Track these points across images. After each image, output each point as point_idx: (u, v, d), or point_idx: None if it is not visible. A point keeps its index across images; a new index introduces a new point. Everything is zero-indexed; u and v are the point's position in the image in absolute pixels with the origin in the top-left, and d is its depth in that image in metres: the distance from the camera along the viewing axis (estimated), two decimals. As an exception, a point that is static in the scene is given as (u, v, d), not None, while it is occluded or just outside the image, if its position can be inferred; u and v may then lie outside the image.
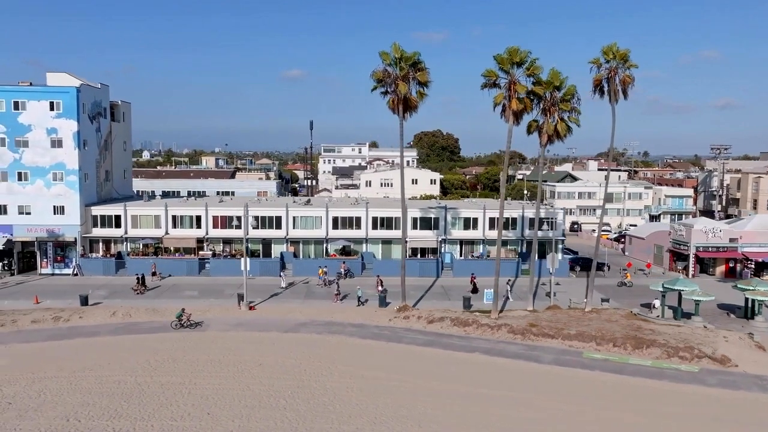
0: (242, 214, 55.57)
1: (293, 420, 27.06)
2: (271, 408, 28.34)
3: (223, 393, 30.05)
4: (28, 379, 31.69)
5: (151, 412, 27.62)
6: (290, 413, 27.77)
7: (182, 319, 41.76)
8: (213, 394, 29.85)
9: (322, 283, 55.12)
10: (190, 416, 27.29)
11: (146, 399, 29.14)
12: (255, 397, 29.54)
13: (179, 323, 41.65)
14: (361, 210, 62.08)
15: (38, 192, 57.98)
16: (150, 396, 29.53)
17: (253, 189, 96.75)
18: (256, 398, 29.45)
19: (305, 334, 40.78)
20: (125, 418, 26.96)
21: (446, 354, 37.26)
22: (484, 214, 62.55)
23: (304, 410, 28.14)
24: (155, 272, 57.33)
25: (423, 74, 43.31)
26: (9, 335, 39.62)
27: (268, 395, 29.85)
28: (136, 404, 28.55)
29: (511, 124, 42.09)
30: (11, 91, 57.39)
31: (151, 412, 27.70)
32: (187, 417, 27.21)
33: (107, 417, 27.09)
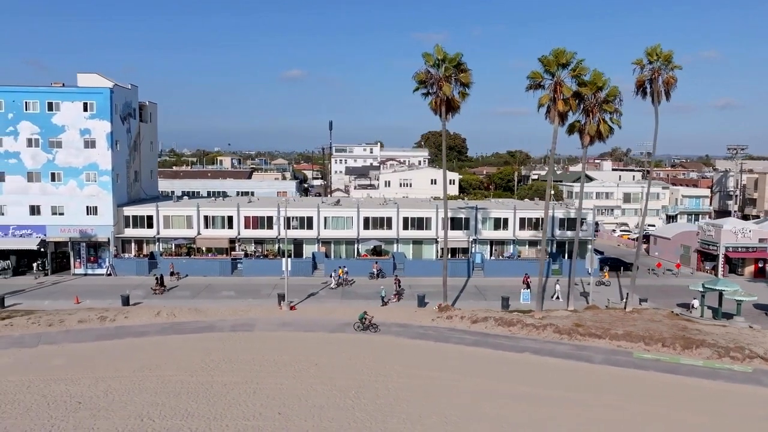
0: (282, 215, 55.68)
1: (365, 419, 27.29)
2: (340, 408, 28.57)
3: (287, 393, 30.28)
4: (90, 378, 31.92)
5: (221, 412, 27.86)
6: (359, 413, 28.00)
7: (365, 321, 41.30)
8: (278, 394, 30.08)
9: (342, 282, 55.26)
10: (261, 416, 27.52)
11: (213, 398, 29.37)
12: (320, 397, 29.77)
13: (361, 325, 41.24)
14: (391, 210, 62.29)
15: (71, 192, 58.17)
16: (216, 396, 29.75)
17: (272, 189, 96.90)
18: (321, 398, 29.68)
19: (351, 334, 41.01)
20: (198, 418, 27.19)
21: (496, 354, 37.50)
22: (514, 214, 62.78)
23: (372, 410, 28.37)
24: (173, 272, 57.57)
25: (466, 75, 43.53)
26: (58, 335, 39.84)
27: (332, 395, 30.08)
28: (205, 404, 28.79)
29: (557, 125, 42.31)
30: (45, 92, 57.60)
31: (221, 411, 27.93)
32: (259, 417, 27.44)
33: (180, 416, 27.32)
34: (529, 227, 62.90)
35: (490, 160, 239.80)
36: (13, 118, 57.09)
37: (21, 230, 58.01)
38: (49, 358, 35.29)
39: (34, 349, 37.08)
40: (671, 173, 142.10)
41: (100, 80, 60.64)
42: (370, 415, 27.71)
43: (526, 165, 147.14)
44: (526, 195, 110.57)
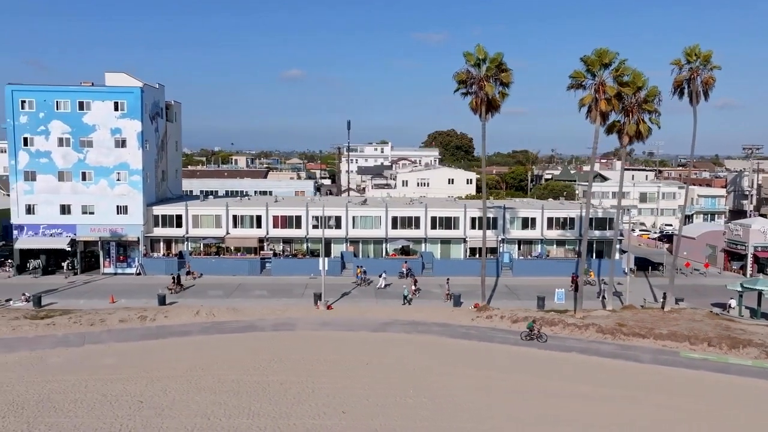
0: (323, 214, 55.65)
1: (431, 418, 27.36)
2: (402, 406, 28.63)
3: (346, 392, 30.32)
4: (145, 378, 31.94)
5: (285, 411, 27.91)
6: (423, 412, 28.06)
7: (533, 330, 39.60)
8: (336, 393, 30.12)
9: (360, 282, 55.19)
10: (326, 415, 27.58)
11: (274, 397, 29.42)
12: (380, 396, 29.82)
13: (530, 334, 39.53)
14: (419, 210, 62.34)
15: (102, 192, 58.21)
16: (275, 395, 29.81)
17: (290, 189, 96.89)
18: (381, 397, 29.73)
19: (394, 334, 41.06)
20: (263, 417, 27.24)
21: (543, 353, 37.55)
22: (542, 213, 62.83)
23: (435, 408, 28.44)
24: (189, 271, 57.58)
25: (507, 75, 43.60)
26: (101, 334, 39.87)
27: (391, 394, 30.13)
28: (267, 402, 28.84)
29: (598, 125, 42.37)
30: (76, 91, 57.63)
31: (285, 410, 27.98)
32: (324, 415, 27.49)
33: (245, 415, 27.37)
34: (557, 227, 62.93)
35: (496, 160, 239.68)
36: (45, 117, 57.14)
37: (51, 229, 58.06)
38: (99, 358, 35.32)
39: (81, 349, 37.11)
40: (683, 173, 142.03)
41: (128, 79, 60.67)
42: (435, 414, 27.76)
43: (538, 164, 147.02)
44: (542, 194, 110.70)
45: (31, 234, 58.04)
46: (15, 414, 27.10)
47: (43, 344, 37.65)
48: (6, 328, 39.99)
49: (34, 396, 29.13)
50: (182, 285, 52.84)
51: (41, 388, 30.25)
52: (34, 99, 57.05)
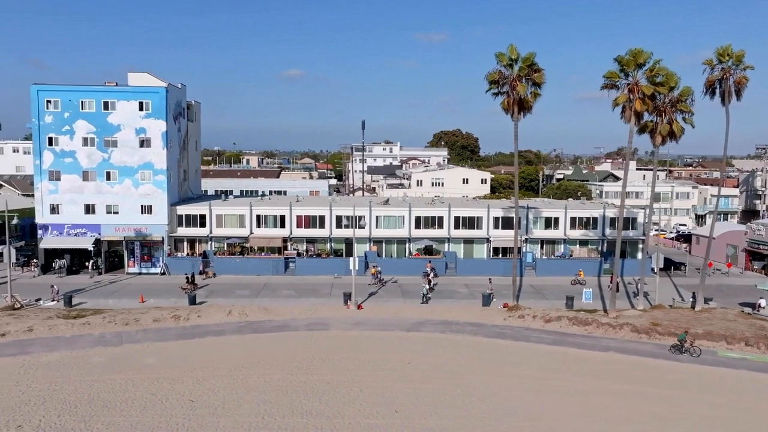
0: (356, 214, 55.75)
1: (483, 417, 27.42)
2: (453, 406, 28.69)
3: (394, 391, 30.39)
4: (191, 377, 31.99)
5: (338, 410, 27.96)
6: (474, 411, 28.13)
7: (684, 342, 37.34)
8: (384, 392, 30.19)
9: (375, 281, 55.09)
10: (379, 414, 27.63)
11: (324, 397, 29.48)
12: (429, 395, 29.88)
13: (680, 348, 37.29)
14: (443, 210, 62.40)
15: (126, 192, 58.25)
16: (325, 394, 29.85)
17: (305, 188, 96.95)
18: (430, 396, 29.79)
19: (429, 333, 41.12)
20: (317, 416, 27.29)
21: (582, 353, 37.61)
22: (565, 213, 62.90)
23: (486, 408, 28.50)
24: (203, 270, 57.54)
25: (539, 75, 43.67)
26: (138, 334, 39.92)
27: (439, 393, 30.19)
28: (317, 402, 28.90)
29: (633, 124, 42.43)
30: (101, 91, 57.68)
31: (337, 409, 28.04)
32: (377, 415, 27.55)
33: (299, 414, 27.42)
34: (580, 226, 63.01)
35: (500, 159, 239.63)
36: (69, 117, 57.18)
37: (76, 229, 58.14)
38: (140, 357, 35.35)
39: (120, 348, 37.15)
40: (693, 173, 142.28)
41: (151, 79, 60.72)
42: (486, 414, 27.83)
43: (550, 164, 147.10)
44: (555, 194, 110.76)
45: (56, 234, 58.10)
46: (70, 413, 27.14)
47: (82, 344, 37.68)
48: (43, 328, 40.03)
49: (85, 395, 29.17)
50: (196, 284, 52.78)
51: (89, 387, 30.29)
52: (59, 99, 57.08)
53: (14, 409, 27.57)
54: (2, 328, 39.57)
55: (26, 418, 26.58)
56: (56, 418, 26.60)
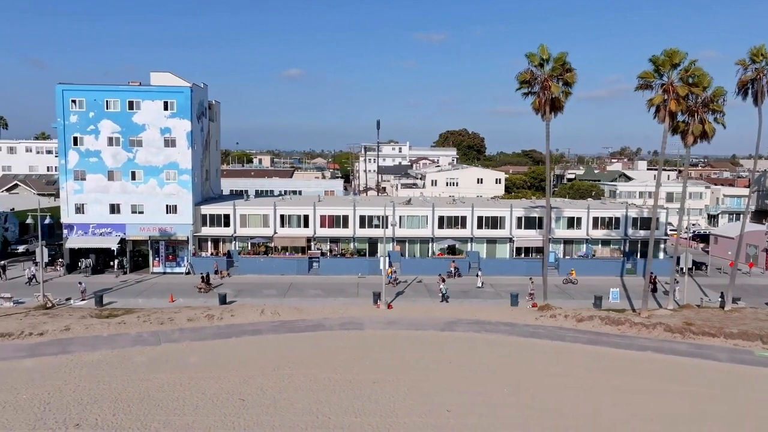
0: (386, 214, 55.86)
1: (536, 417, 27.54)
2: (505, 405, 28.82)
3: (441, 390, 30.50)
4: (236, 376, 32.09)
5: (390, 409, 28.07)
6: (527, 410, 28.25)
7: None
8: (433, 391, 30.30)
9: (391, 282, 55.09)
10: (431, 413, 27.75)
11: (373, 396, 29.59)
12: (478, 395, 29.99)
13: None
14: (466, 209, 62.51)
15: (151, 191, 58.35)
16: (373, 393, 29.96)
17: (319, 188, 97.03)
18: (479, 396, 29.90)
19: (463, 333, 41.24)
20: (370, 415, 27.40)
21: (619, 352, 37.72)
22: (588, 213, 63.02)
23: (539, 407, 28.63)
24: (217, 270, 57.69)
25: (571, 75, 43.84)
26: (174, 333, 40.03)
27: (487, 393, 30.30)
28: (367, 401, 29.01)
29: (667, 125, 42.55)
30: (126, 91, 57.76)
31: (389, 409, 28.15)
32: (429, 414, 27.66)
33: (351, 414, 27.54)
34: (602, 226, 63.14)
35: (505, 159, 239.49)
36: (94, 116, 57.27)
37: (101, 228, 58.23)
38: (181, 356, 35.48)
39: (160, 347, 37.26)
40: (703, 173, 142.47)
41: (174, 79, 60.86)
42: (541, 413, 27.93)
43: (560, 164, 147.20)
44: (567, 194, 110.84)
45: (81, 233, 58.19)
46: (124, 411, 27.26)
47: (121, 343, 37.79)
48: (80, 327, 40.14)
49: (135, 394, 29.28)
50: (210, 284, 52.75)
51: (137, 386, 30.39)
52: (84, 98, 57.16)
53: (68, 407, 27.68)
54: (40, 327, 39.69)
55: (82, 417, 26.69)
56: (111, 417, 26.71)
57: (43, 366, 33.53)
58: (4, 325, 39.82)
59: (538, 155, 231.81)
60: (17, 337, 38.25)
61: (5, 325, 40.06)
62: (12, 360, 34.63)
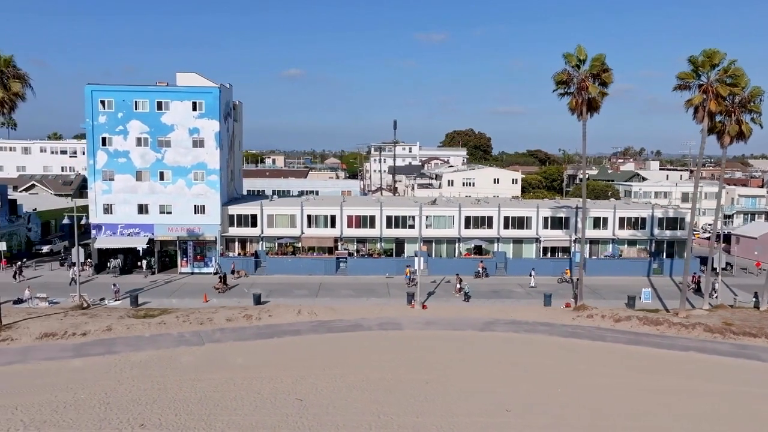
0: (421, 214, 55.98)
1: (591, 417, 27.61)
2: (559, 405, 28.89)
3: (494, 389, 30.57)
4: (288, 376, 32.14)
5: (447, 409, 28.14)
6: (583, 410, 28.30)
7: None
8: (485, 391, 30.36)
9: (409, 282, 55.02)
10: (490, 412, 27.84)
11: (430, 396, 29.67)
12: (532, 394, 30.11)
13: None
14: (493, 210, 62.59)
15: (179, 191, 58.42)
16: (430, 393, 30.02)
17: (336, 188, 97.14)
18: (533, 395, 30.01)
19: (503, 333, 41.33)
20: (430, 415, 27.47)
21: (661, 352, 37.81)
22: (614, 213, 63.10)
23: (593, 407, 28.74)
24: (234, 270, 57.77)
25: (608, 75, 43.91)
26: (215, 333, 40.10)
27: (540, 392, 30.38)
28: (424, 400, 29.10)
29: (706, 125, 42.63)
30: (155, 91, 57.82)
31: (446, 408, 28.22)
32: (489, 413, 27.76)
33: (411, 413, 27.62)
34: (628, 226, 63.21)
35: (511, 159, 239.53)
36: (123, 117, 57.35)
37: (129, 229, 58.31)
38: (228, 356, 35.54)
39: (204, 347, 37.34)
40: (715, 173, 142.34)
41: (200, 79, 60.90)
42: (596, 412, 28.03)
43: (575, 164, 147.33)
44: (581, 194, 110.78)
45: (109, 233, 58.27)
46: (185, 412, 27.33)
47: (164, 343, 37.86)
48: (121, 327, 40.22)
49: (192, 394, 29.34)
50: (228, 284, 52.70)
51: (192, 386, 30.45)
52: (113, 99, 57.25)
53: (128, 407, 27.75)
54: (82, 328, 39.77)
55: (144, 417, 26.77)
56: (174, 417, 26.79)
57: (92, 366, 33.60)
58: (46, 325, 39.90)
59: (543, 155, 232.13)
60: (61, 337, 38.34)
61: (47, 325, 40.14)
62: (60, 360, 34.72)
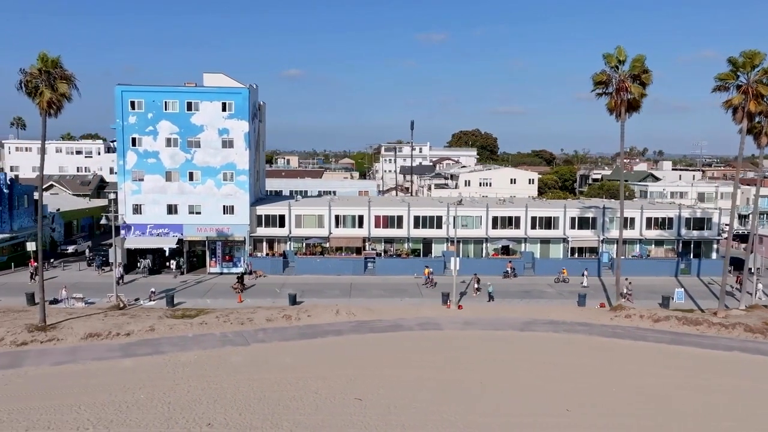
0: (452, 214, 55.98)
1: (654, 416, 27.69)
2: (618, 403, 28.95)
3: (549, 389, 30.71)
4: (341, 376, 32.24)
5: (506, 409, 28.23)
6: (642, 410, 28.40)
7: None
8: (541, 391, 30.48)
9: (428, 283, 55.15)
10: (549, 413, 27.91)
11: (487, 395, 29.80)
12: (587, 394, 30.19)
13: None
14: (520, 210, 62.68)
15: (208, 192, 58.50)
16: (486, 393, 30.14)
17: (353, 188, 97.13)
18: (591, 395, 30.10)
19: (544, 333, 41.42)
20: (491, 415, 27.59)
21: (705, 352, 37.92)
22: (641, 213, 63.16)
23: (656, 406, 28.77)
24: (251, 271, 57.83)
25: (648, 76, 44.01)
26: (258, 333, 40.18)
27: (597, 392, 30.48)
28: (481, 401, 29.20)
29: (745, 126, 42.73)
30: (185, 92, 57.91)
31: (505, 408, 28.31)
32: (548, 413, 27.84)
33: (473, 413, 27.71)
34: (655, 227, 63.29)
35: (518, 159, 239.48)
36: (153, 117, 57.43)
37: (158, 229, 58.37)
38: (275, 356, 35.63)
39: (250, 347, 37.43)
40: (727, 173, 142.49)
41: (226, 80, 61.03)
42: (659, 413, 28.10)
43: (588, 164, 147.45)
44: (597, 194, 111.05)
45: (138, 234, 58.35)
46: (249, 411, 27.42)
47: (209, 343, 37.95)
48: (163, 328, 40.31)
49: (251, 395, 29.42)
50: (245, 285, 52.70)
51: (249, 386, 30.54)
52: (143, 99, 57.33)
53: (190, 407, 27.85)
54: (125, 328, 39.85)
55: (208, 417, 26.85)
56: (238, 416, 26.88)
57: (143, 366, 33.69)
58: (89, 325, 39.98)
59: (548, 155, 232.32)
60: (105, 337, 38.44)
61: (90, 325, 40.22)
62: (109, 360, 34.82)
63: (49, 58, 37.28)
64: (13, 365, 33.48)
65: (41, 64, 37.08)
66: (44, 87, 37.01)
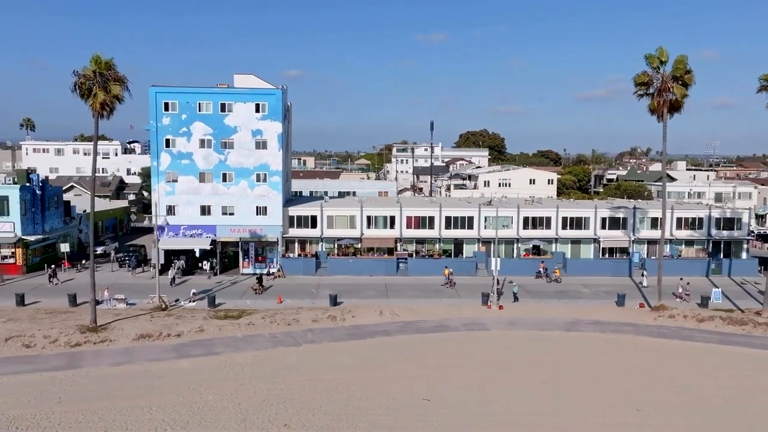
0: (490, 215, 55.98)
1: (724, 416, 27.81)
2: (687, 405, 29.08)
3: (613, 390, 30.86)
4: (401, 377, 32.39)
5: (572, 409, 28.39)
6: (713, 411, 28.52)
7: None
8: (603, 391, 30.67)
9: (449, 283, 54.96)
10: (619, 413, 28.10)
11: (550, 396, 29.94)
12: (655, 394, 30.29)
13: None
14: (551, 210, 62.83)
15: (242, 193, 58.63)
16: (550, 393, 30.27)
17: (373, 189, 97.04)
18: (656, 394, 30.20)
19: (590, 333, 41.57)
20: (557, 415, 27.80)
21: (757, 352, 38.04)
22: (671, 213, 63.28)
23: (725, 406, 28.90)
24: (270, 272, 57.92)
25: (690, 77, 44.21)
26: (307, 334, 40.29)
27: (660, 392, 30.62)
28: (546, 400, 29.30)
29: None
30: (219, 93, 58.05)
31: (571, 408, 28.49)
32: (616, 414, 28.04)
33: (537, 413, 27.90)
34: (686, 227, 63.43)
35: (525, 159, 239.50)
36: (187, 119, 57.56)
37: (191, 230, 58.51)
38: (332, 357, 35.77)
39: (303, 348, 37.57)
40: (740, 173, 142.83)
41: (256, 81, 61.07)
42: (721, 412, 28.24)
43: (602, 164, 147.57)
44: (613, 194, 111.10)
45: (172, 235, 58.46)
46: (322, 412, 27.57)
47: (261, 344, 38.07)
48: (212, 328, 40.44)
49: (318, 396, 29.53)
50: (264, 286, 52.62)
51: (313, 387, 30.67)
52: (177, 101, 57.45)
53: (262, 408, 27.98)
54: (174, 329, 39.98)
55: (283, 417, 27.00)
56: (312, 417, 27.03)
57: (202, 367, 33.82)
58: (139, 326, 40.12)
59: (554, 155, 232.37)
60: (157, 338, 38.56)
61: (139, 326, 40.35)
62: (165, 361, 34.95)
63: (102, 60, 37.43)
64: (72, 366, 33.60)
65: (95, 66, 37.22)
66: (98, 89, 37.10)
